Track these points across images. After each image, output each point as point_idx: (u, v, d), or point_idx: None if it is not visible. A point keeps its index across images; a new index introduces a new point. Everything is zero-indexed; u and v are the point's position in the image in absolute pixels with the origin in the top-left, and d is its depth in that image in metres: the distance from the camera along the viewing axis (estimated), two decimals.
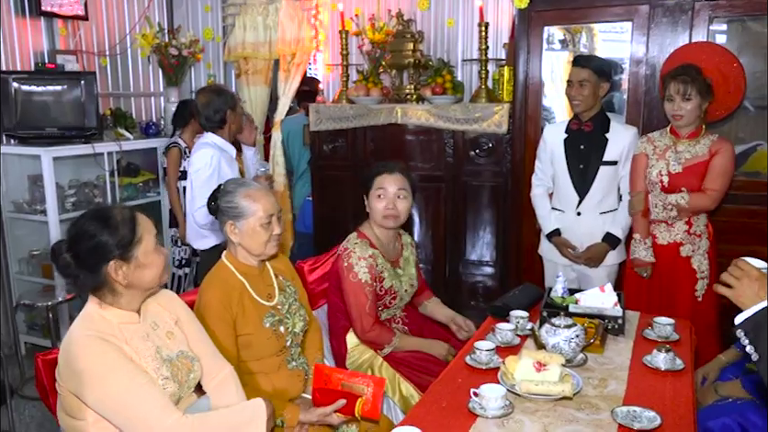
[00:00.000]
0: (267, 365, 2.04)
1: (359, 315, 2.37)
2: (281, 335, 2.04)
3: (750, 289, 1.51)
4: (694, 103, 2.68)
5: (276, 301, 2.07)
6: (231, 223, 1.98)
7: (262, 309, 2.02)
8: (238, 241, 2.00)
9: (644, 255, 2.87)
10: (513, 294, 2.57)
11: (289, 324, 2.08)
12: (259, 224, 1.98)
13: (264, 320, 2.00)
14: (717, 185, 2.71)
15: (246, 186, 2.03)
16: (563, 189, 3.09)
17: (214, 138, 3.10)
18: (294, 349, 2.11)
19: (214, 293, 1.95)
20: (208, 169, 2.96)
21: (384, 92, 4.11)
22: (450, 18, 4.20)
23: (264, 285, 2.07)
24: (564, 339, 1.96)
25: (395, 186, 2.41)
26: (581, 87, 2.90)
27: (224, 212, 1.99)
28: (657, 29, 3.22)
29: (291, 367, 2.09)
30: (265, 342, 2.00)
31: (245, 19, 4.75)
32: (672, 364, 1.97)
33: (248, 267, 2.04)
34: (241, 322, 1.96)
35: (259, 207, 1.99)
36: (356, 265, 2.37)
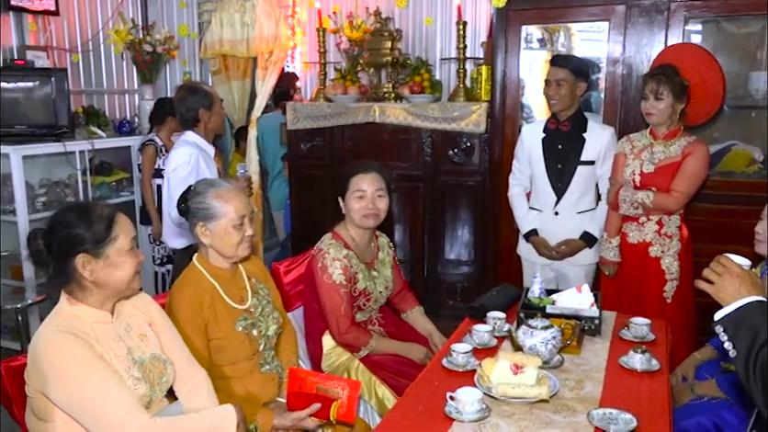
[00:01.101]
0: (240, 369, 1.99)
1: (335, 317, 2.34)
2: (254, 339, 2.00)
3: (731, 285, 1.50)
4: (666, 102, 2.68)
5: (249, 304, 2.03)
6: (203, 225, 1.94)
7: (234, 312, 1.98)
8: (209, 243, 1.96)
9: (609, 255, 2.88)
10: (491, 295, 2.55)
11: (262, 327, 2.04)
12: (231, 225, 1.94)
13: (236, 323, 1.96)
14: (683, 186, 2.71)
15: (217, 186, 1.98)
16: (541, 189, 3.09)
17: (194, 137, 3.03)
18: (267, 353, 2.08)
19: (184, 297, 1.91)
20: (185, 168, 2.88)
21: (362, 90, 4.08)
22: (428, 17, 4.18)
23: (236, 288, 2.03)
24: (541, 341, 1.94)
25: (373, 186, 2.39)
26: (559, 87, 2.90)
27: (195, 214, 1.95)
28: (633, 29, 3.23)
29: (265, 370, 2.05)
30: (237, 346, 1.96)
31: (222, 16, 4.66)
32: (647, 365, 1.97)
33: (220, 270, 2.00)
34: (212, 326, 1.92)
35: (231, 208, 1.94)
36: (331, 266, 2.34)
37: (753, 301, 1.46)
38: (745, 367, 1.41)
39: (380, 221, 2.45)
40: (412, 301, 2.71)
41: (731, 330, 1.46)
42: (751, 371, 1.39)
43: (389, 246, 2.64)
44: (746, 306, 1.46)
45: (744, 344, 1.42)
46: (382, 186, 2.42)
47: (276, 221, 5.05)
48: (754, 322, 1.41)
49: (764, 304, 1.45)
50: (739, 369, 1.45)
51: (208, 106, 3.04)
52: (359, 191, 2.39)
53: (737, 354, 1.43)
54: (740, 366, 1.43)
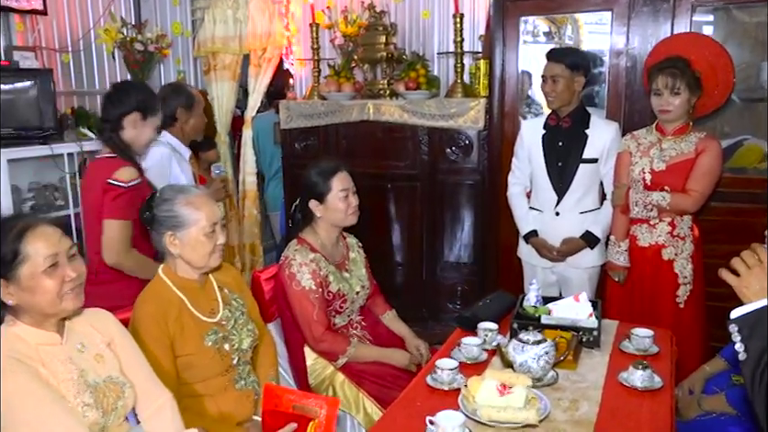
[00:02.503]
0: (212, 386, 1.88)
1: (307, 324, 2.25)
2: (226, 354, 1.89)
3: (758, 281, 1.36)
4: (683, 97, 2.53)
5: (221, 316, 1.92)
6: (171, 234, 1.83)
7: (203, 326, 1.86)
8: (178, 253, 1.85)
9: (618, 259, 2.73)
10: (484, 303, 2.41)
11: (235, 340, 1.93)
12: (202, 234, 1.84)
13: (205, 338, 1.85)
14: (700, 185, 2.56)
15: (186, 192, 1.87)
16: (541, 188, 2.96)
17: (169, 137, 2.88)
18: (242, 367, 1.96)
19: (148, 312, 1.80)
20: (157, 168, 2.71)
21: (356, 87, 3.94)
22: (425, 10, 4.03)
23: (206, 300, 1.92)
24: (533, 357, 1.80)
25: (350, 183, 2.37)
26: (555, 83, 2.76)
27: (162, 222, 1.83)
28: (638, 19, 3.06)
29: (239, 387, 1.94)
30: (207, 362, 1.85)
31: (215, 13, 4.56)
32: (649, 382, 1.82)
33: (188, 282, 1.89)
34: (179, 341, 1.81)
35: (202, 215, 1.84)
36: (298, 272, 2.25)
37: None
38: (752, 374, 1.30)
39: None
40: (383, 306, 2.60)
41: (746, 331, 1.33)
42: (758, 379, 1.28)
43: (358, 246, 2.56)
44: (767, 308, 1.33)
45: (757, 349, 1.30)
46: (352, 182, 2.41)
47: (273, 222, 4.94)
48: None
49: None
50: (745, 374, 1.33)
51: (187, 106, 2.92)
52: (344, 190, 2.33)
53: (746, 357, 1.32)
54: (748, 371, 1.32)
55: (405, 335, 2.51)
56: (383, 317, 2.57)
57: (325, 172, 2.33)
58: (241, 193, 4.72)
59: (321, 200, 2.31)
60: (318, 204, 2.32)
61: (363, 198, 3.84)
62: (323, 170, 2.33)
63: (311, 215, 2.34)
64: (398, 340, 2.49)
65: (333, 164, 2.37)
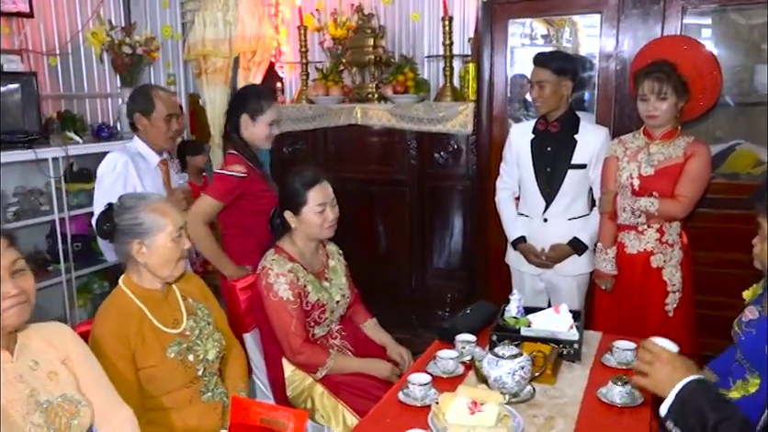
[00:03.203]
0: (177, 399, 1.84)
1: (285, 336, 2.18)
2: (190, 365, 1.84)
3: (663, 373, 1.44)
4: (670, 102, 2.48)
5: (184, 326, 1.87)
6: (139, 242, 1.78)
7: (165, 337, 1.82)
8: (146, 261, 1.80)
9: (605, 267, 2.67)
10: (464, 314, 2.35)
11: (201, 351, 1.88)
12: (170, 239, 1.81)
13: (167, 349, 1.80)
14: (689, 191, 2.51)
15: (148, 199, 1.84)
16: (529, 194, 2.90)
17: (137, 143, 2.76)
18: (209, 379, 1.91)
19: (108, 325, 1.75)
20: (110, 174, 2.60)
21: (344, 91, 3.89)
22: (415, 12, 3.97)
23: (169, 310, 1.87)
24: (507, 372, 1.74)
25: (329, 196, 2.28)
26: (541, 89, 2.71)
27: (127, 231, 1.79)
28: (627, 22, 3.00)
29: (206, 399, 1.89)
30: (170, 373, 1.80)
31: (205, 15, 4.51)
32: (629, 398, 1.75)
33: (149, 292, 1.84)
34: (140, 353, 1.76)
35: (168, 220, 1.81)
36: (276, 283, 2.18)
37: (691, 381, 1.39)
38: None
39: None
40: (364, 314, 2.54)
41: (680, 419, 1.38)
42: None
43: (338, 254, 2.49)
44: (685, 388, 1.39)
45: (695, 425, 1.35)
46: (332, 193, 2.31)
47: None
48: (697, 402, 1.34)
49: (702, 382, 1.38)
50: None
51: (145, 112, 2.70)
52: (320, 205, 2.24)
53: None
54: None
55: (387, 344, 2.45)
56: (364, 326, 2.51)
57: (304, 182, 2.24)
58: None
59: (295, 212, 2.24)
60: (292, 215, 2.25)
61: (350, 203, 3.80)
62: (303, 180, 2.25)
63: (286, 224, 2.28)
64: (379, 349, 2.43)
65: (314, 175, 2.27)
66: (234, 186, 2.60)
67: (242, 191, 2.63)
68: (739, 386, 2.03)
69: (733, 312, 2.40)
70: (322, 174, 2.30)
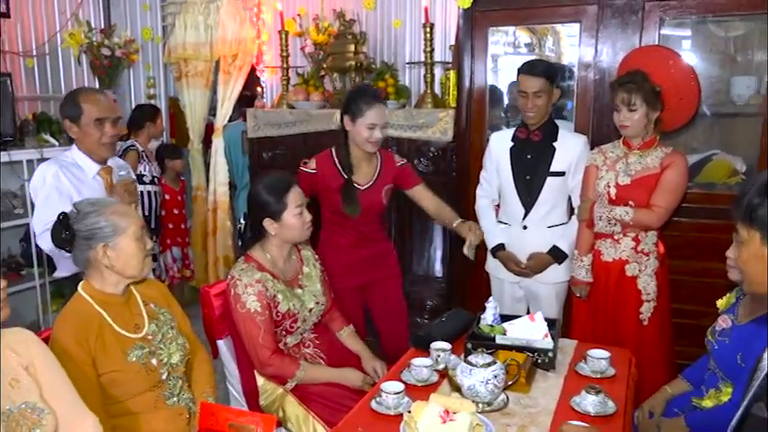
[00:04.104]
0: (142, 403, 1.81)
1: (253, 348, 2.15)
2: (153, 369, 1.82)
3: None
4: (641, 112, 2.49)
5: (146, 331, 1.85)
6: (104, 246, 1.76)
7: (126, 342, 1.79)
8: (112, 264, 1.78)
9: (580, 274, 2.68)
10: (440, 322, 2.34)
11: (164, 354, 1.85)
12: (134, 239, 1.80)
13: (129, 354, 1.78)
14: (664, 201, 2.52)
15: (105, 203, 1.84)
16: (509, 202, 2.90)
17: (74, 152, 2.51)
18: (173, 383, 1.89)
19: (67, 331, 1.72)
20: (42, 188, 2.40)
21: (325, 96, 3.87)
22: (397, 19, 3.97)
23: (130, 315, 1.85)
24: (481, 380, 1.73)
25: (304, 197, 2.31)
26: (537, 98, 2.69)
27: (89, 237, 1.76)
28: (606, 31, 3.01)
29: (171, 403, 1.87)
30: (132, 378, 1.78)
31: (186, 18, 4.49)
32: (602, 407, 1.75)
33: (110, 297, 1.82)
34: (101, 358, 1.73)
35: (131, 221, 1.81)
36: (243, 293, 2.15)
37: None
38: None
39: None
40: (340, 322, 2.50)
41: None
42: None
43: (314, 259, 2.45)
44: None
45: None
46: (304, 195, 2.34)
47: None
48: None
49: None
50: None
51: (73, 118, 2.45)
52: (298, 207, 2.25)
53: None
54: None
55: (362, 354, 2.42)
56: (339, 333, 2.48)
57: (279, 189, 2.22)
58: (211, 204, 4.63)
59: (276, 219, 2.22)
60: (273, 222, 2.22)
61: None
62: (276, 187, 2.23)
63: (262, 232, 2.25)
64: (353, 358, 2.40)
65: (286, 180, 2.26)
66: (302, 179, 2.61)
67: (314, 187, 2.66)
68: (712, 395, 2.04)
69: (708, 321, 2.41)
70: (293, 179, 2.32)
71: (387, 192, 2.75)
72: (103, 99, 2.52)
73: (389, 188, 2.76)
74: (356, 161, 2.68)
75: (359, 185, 2.67)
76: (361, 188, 2.67)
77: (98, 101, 2.48)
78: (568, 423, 1.57)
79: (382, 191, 2.72)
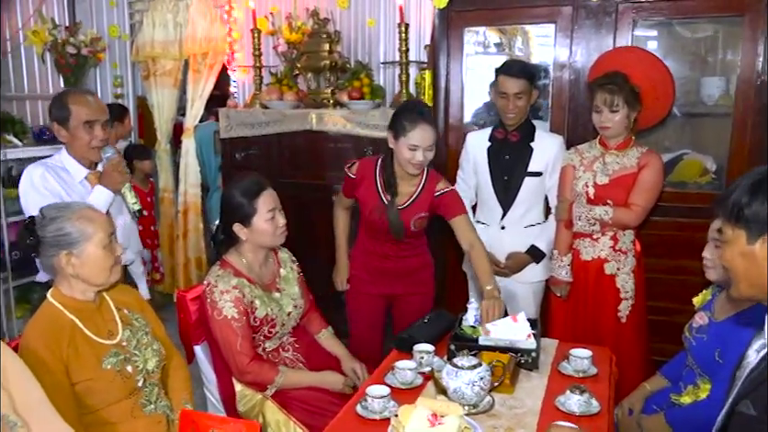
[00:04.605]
0: (118, 412, 1.76)
1: (231, 355, 2.10)
2: (128, 376, 1.77)
3: None
4: (622, 114, 2.52)
5: (120, 337, 1.80)
6: (68, 253, 1.70)
7: (100, 349, 1.74)
8: (77, 273, 1.72)
9: (560, 273, 2.70)
10: (422, 323, 2.32)
11: (139, 361, 1.81)
12: (101, 247, 1.74)
13: (103, 361, 1.73)
14: (642, 200, 2.55)
15: (73, 208, 1.76)
16: (486, 202, 2.90)
17: (63, 155, 2.43)
18: (149, 390, 1.84)
19: (38, 339, 1.66)
20: (32, 191, 2.31)
21: (299, 96, 3.83)
22: (371, 18, 3.94)
23: (102, 321, 1.80)
24: (467, 383, 1.72)
25: (277, 201, 2.23)
26: (518, 100, 2.69)
27: (53, 244, 1.70)
28: (581, 32, 3.03)
29: (148, 411, 1.83)
30: (107, 386, 1.73)
31: (154, 16, 4.39)
32: (586, 407, 1.75)
33: (81, 303, 1.76)
34: (75, 367, 1.68)
35: (98, 227, 1.74)
36: (220, 300, 2.09)
37: None
38: None
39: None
40: (318, 324, 2.47)
41: None
42: None
43: (291, 261, 2.41)
44: None
45: None
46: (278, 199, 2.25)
47: None
48: None
49: None
50: None
51: (61, 121, 2.36)
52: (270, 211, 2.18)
53: None
54: None
55: (341, 356, 2.39)
56: (319, 336, 2.45)
57: (249, 192, 2.15)
58: (182, 206, 4.53)
59: (246, 224, 2.16)
60: (242, 227, 2.16)
61: (306, 210, 3.76)
62: (247, 190, 2.16)
63: (235, 236, 2.19)
64: (333, 361, 2.37)
65: (258, 183, 2.19)
66: (345, 182, 2.66)
67: (353, 191, 2.63)
68: (690, 391, 2.07)
69: (682, 318, 2.45)
70: (265, 181, 2.24)
71: (417, 221, 2.54)
72: (92, 101, 2.43)
73: (420, 218, 2.54)
74: (399, 179, 2.52)
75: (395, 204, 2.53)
76: (397, 207, 2.53)
77: (87, 103, 2.40)
78: (555, 424, 1.56)
79: (412, 218, 2.53)
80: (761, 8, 2.74)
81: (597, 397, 1.80)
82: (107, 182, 2.37)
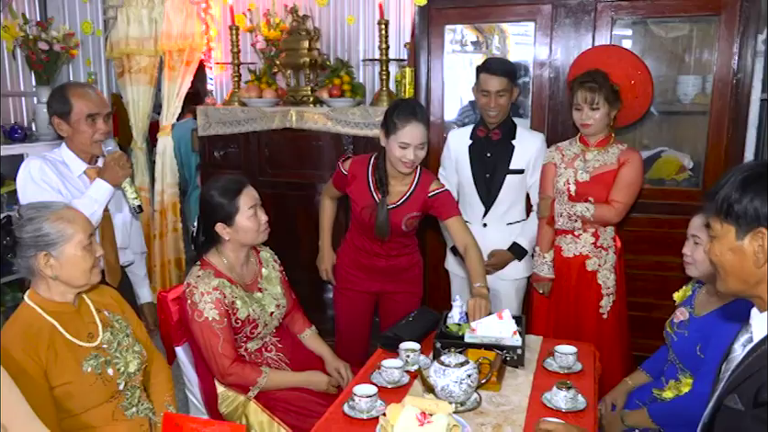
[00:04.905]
0: (99, 416, 1.73)
1: (212, 357, 2.07)
2: (110, 379, 1.74)
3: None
4: (603, 111, 2.54)
5: (101, 339, 1.77)
6: (46, 255, 1.66)
7: (80, 352, 1.70)
8: (55, 274, 1.68)
9: (543, 270, 2.71)
10: (407, 322, 2.31)
11: (120, 363, 1.78)
12: (81, 248, 1.70)
13: (83, 364, 1.69)
14: (622, 196, 2.58)
15: (52, 207, 1.72)
16: (468, 199, 2.91)
17: (63, 149, 2.41)
18: (131, 393, 1.81)
19: (15, 342, 1.62)
20: (31, 183, 2.26)
21: (278, 93, 3.79)
22: (350, 15, 3.91)
23: (82, 323, 1.76)
24: (454, 380, 1.71)
25: (257, 198, 2.21)
26: (500, 98, 2.70)
27: (31, 244, 1.65)
28: (560, 30, 3.05)
29: (130, 414, 1.80)
30: (88, 389, 1.69)
31: (129, 12, 4.30)
32: (573, 403, 1.77)
33: (60, 305, 1.72)
34: (54, 370, 1.64)
35: (77, 227, 1.70)
36: (200, 302, 2.06)
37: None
38: None
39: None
40: (302, 323, 2.45)
41: None
42: None
43: (273, 260, 2.38)
44: None
45: None
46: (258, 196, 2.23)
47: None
48: None
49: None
50: None
51: (62, 114, 2.34)
52: (251, 208, 2.16)
53: None
54: None
55: (325, 356, 2.37)
56: (302, 336, 2.43)
57: (229, 191, 2.13)
58: (158, 205, 4.45)
59: (228, 223, 2.13)
60: (225, 227, 2.13)
61: (286, 208, 3.72)
62: (227, 189, 2.13)
63: (216, 236, 2.16)
64: (317, 361, 2.35)
65: (237, 181, 2.17)
66: (336, 175, 2.65)
67: (344, 187, 2.63)
68: (672, 386, 2.10)
69: (661, 313, 2.49)
70: (245, 179, 2.22)
71: (409, 221, 2.53)
72: (93, 94, 2.41)
73: (412, 217, 2.53)
74: (391, 178, 2.51)
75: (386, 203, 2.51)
76: (387, 206, 2.50)
77: (89, 96, 2.37)
78: (544, 420, 1.57)
79: (404, 218, 2.51)
80: (736, 8, 2.79)
81: (583, 393, 1.81)
82: (108, 176, 2.32)
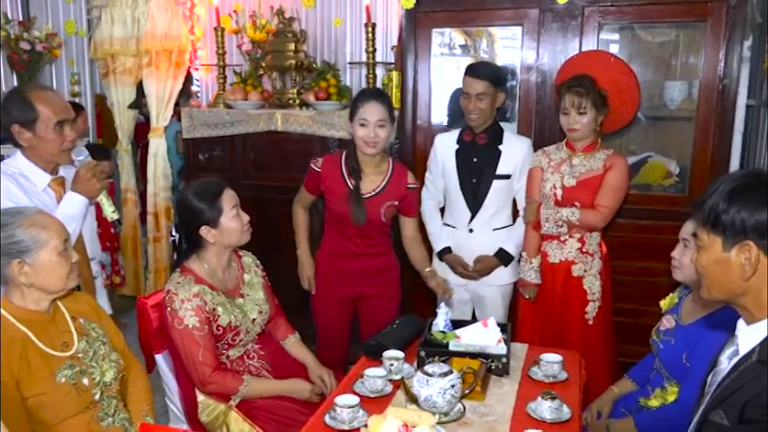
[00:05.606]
0: (74, 426, 1.68)
1: (192, 366, 2.03)
2: (85, 389, 1.70)
3: None
4: (590, 116, 2.53)
5: (76, 348, 1.72)
6: (20, 262, 1.61)
7: (54, 361, 1.66)
8: (30, 282, 1.63)
9: (529, 276, 2.69)
10: (391, 329, 2.28)
11: (96, 373, 1.73)
12: (56, 254, 1.66)
13: (57, 374, 1.65)
14: (608, 201, 2.56)
15: (25, 213, 1.67)
16: (455, 204, 2.88)
17: (20, 159, 2.13)
18: (107, 403, 1.77)
19: None
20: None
21: (264, 96, 3.75)
22: (337, 18, 3.89)
23: (57, 332, 1.72)
24: (438, 391, 1.68)
25: (237, 198, 2.18)
26: (479, 101, 2.67)
27: (4, 252, 1.61)
28: (547, 35, 3.04)
29: (106, 425, 1.75)
30: (62, 399, 1.65)
31: (113, 12, 4.25)
32: (557, 413, 1.74)
33: (33, 314, 1.68)
34: (26, 381, 1.60)
35: (52, 234, 1.66)
36: (180, 309, 2.02)
37: None
38: None
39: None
40: (285, 329, 2.41)
41: None
42: None
43: (255, 266, 2.34)
44: None
45: None
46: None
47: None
48: None
49: None
50: None
51: (26, 122, 2.05)
52: (234, 208, 2.14)
53: None
54: None
55: (308, 364, 2.33)
56: (285, 342, 2.39)
57: (210, 194, 2.10)
58: (150, 207, 4.38)
59: (213, 225, 2.09)
60: (210, 230, 2.10)
61: (271, 211, 3.68)
62: (207, 192, 2.10)
63: (199, 242, 2.12)
64: (300, 368, 2.31)
65: (216, 184, 2.15)
66: (309, 177, 2.68)
67: (318, 186, 2.65)
68: (658, 394, 2.08)
69: (647, 319, 2.48)
70: (223, 181, 2.21)
71: (388, 209, 2.59)
72: (58, 99, 2.16)
73: (391, 206, 2.60)
74: (363, 165, 2.58)
75: (361, 192, 2.55)
76: (363, 197, 2.54)
77: (55, 101, 2.12)
78: None
79: (382, 206, 2.57)
80: (722, 14, 2.78)
81: (568, 403, 1.79)
82: (82, 188, 2.14)
